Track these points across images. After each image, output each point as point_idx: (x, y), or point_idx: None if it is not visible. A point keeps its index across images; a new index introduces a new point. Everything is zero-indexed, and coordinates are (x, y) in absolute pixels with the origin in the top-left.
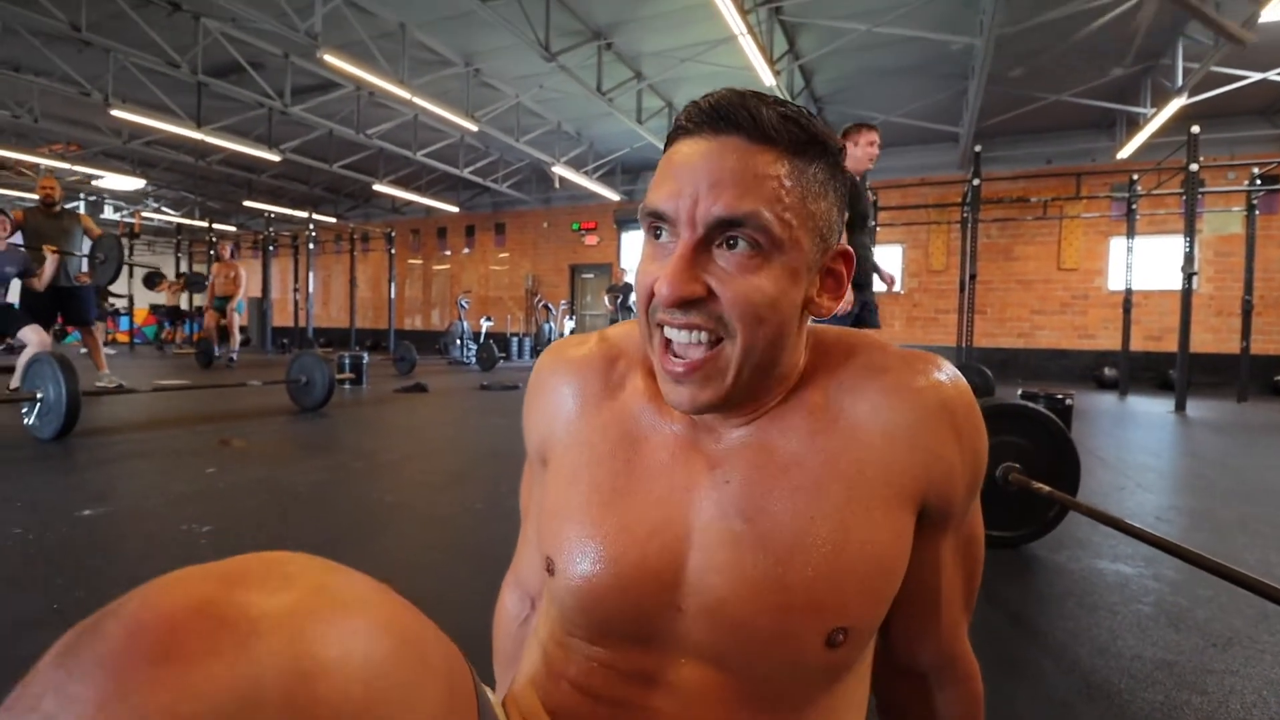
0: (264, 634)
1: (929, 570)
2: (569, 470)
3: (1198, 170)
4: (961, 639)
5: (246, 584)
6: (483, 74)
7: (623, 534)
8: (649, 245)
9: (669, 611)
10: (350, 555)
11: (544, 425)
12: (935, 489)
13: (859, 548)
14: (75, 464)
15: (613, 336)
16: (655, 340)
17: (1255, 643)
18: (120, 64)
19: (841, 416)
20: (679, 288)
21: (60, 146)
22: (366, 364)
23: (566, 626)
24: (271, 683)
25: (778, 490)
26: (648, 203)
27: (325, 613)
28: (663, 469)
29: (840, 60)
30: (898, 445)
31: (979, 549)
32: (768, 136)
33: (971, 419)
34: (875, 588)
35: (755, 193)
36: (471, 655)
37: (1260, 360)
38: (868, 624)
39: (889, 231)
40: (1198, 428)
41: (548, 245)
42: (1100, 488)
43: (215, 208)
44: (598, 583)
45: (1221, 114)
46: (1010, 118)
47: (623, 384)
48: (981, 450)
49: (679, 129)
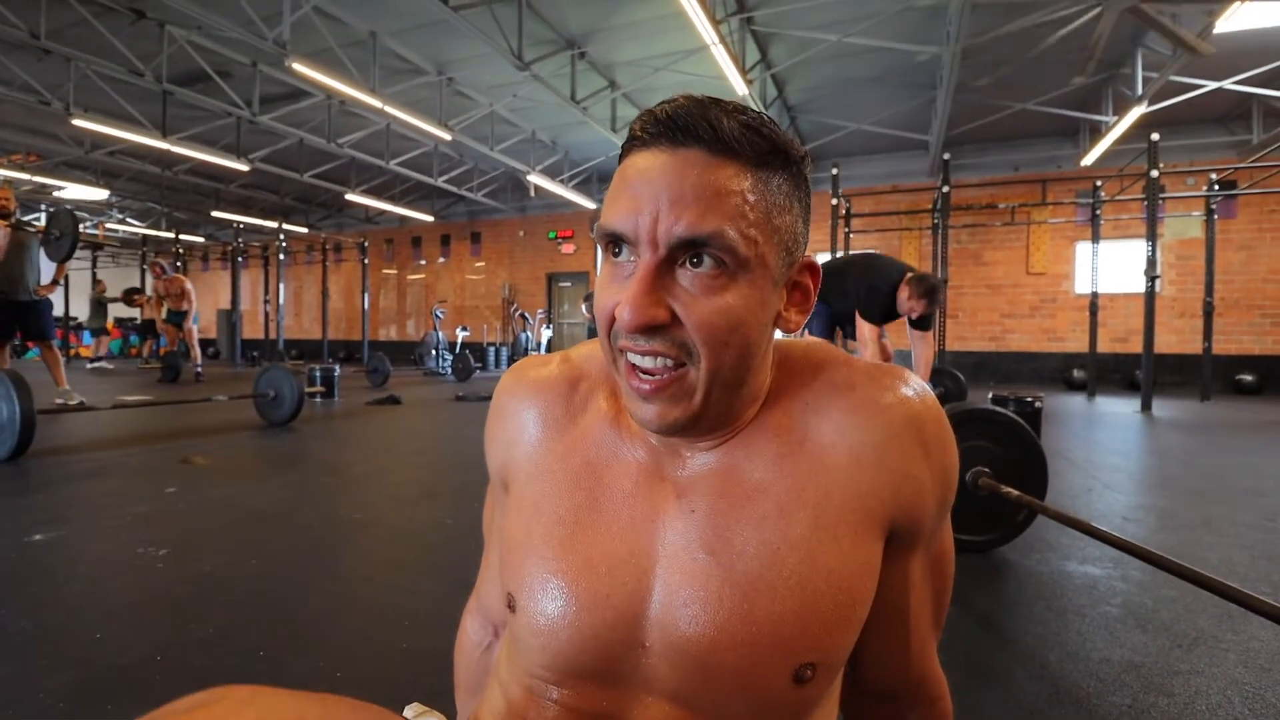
0: None
1: (898, 591)
2: (531, 501)
3: (1158, 176)
4: (930, 658)
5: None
6: (456, 83)
7: (586, 570)
8: (608, 264)
9: (634, 650)
10: (315, 574)
11: (504, 450)
12: (905, 509)
13: (826, 578)
14: (28, 485)
15: (575, 358)
16: (620, 362)
17: (1219, 642)
18: (82, 73)
19: (808, 439)
20: (640, 313)
21: (19, 157)
22: (338, 376)
23: (528, 667)
24: None
25: (743, 520)
26: (604, 222)
27: None
28: (626, 498)
29: (812, 70)
30: (865, 467)
31: (949, 565)
32: (729, 149)
33: (940, 435)
34: (843, 618)
35: (718, 210)
36: (438, 675)
37: (1222, 360)
38: (836, 657)
39: (862, 238)
40: (1163, 427)
41: (524, 254)
42: (1069, 489)
43: (182, 219)
44: (560, 622)
45: (1181, 122)
46: (978, 126)
47: (585, 407)
48: (951, 466)
49: (634, 140)
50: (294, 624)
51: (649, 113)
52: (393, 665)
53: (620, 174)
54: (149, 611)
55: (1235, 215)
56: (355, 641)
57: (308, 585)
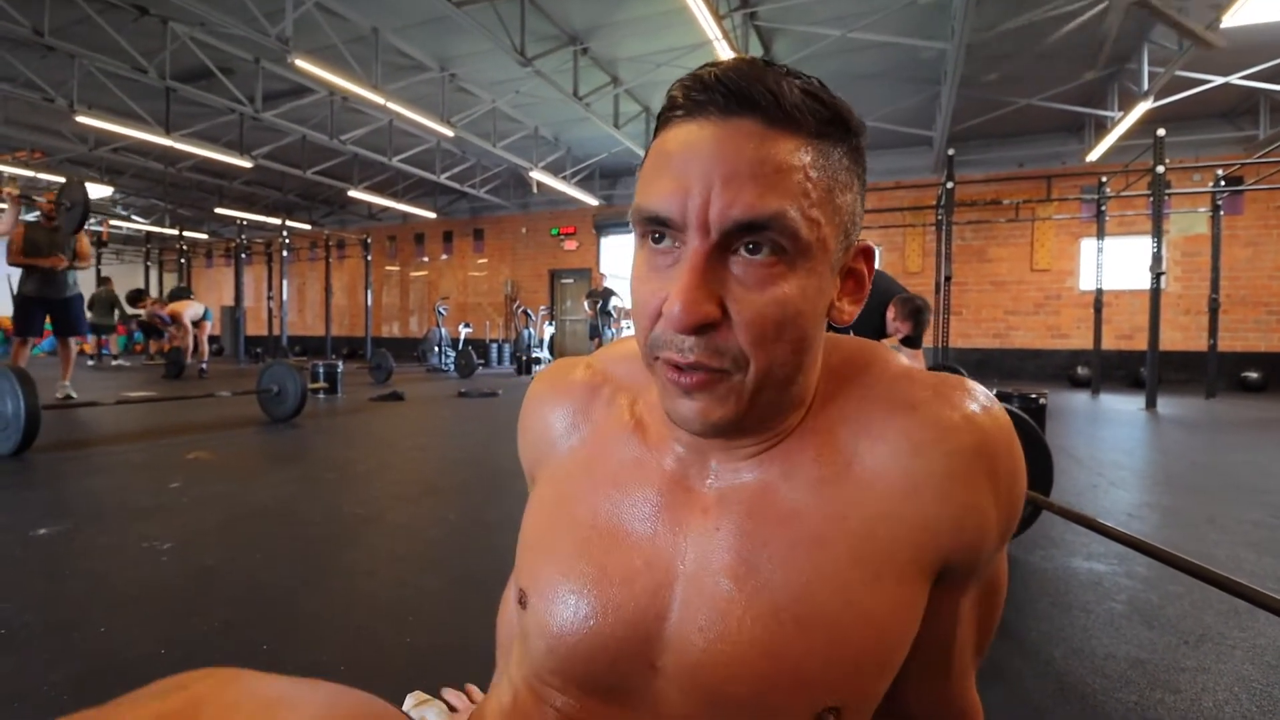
0: None
1: (944, 625)
2: (551, 501)
3: (1164, 172)
4: (969, 689)
5: None
6: (458, 79)
7: (600, 577)
8: (645, 253)
9: (643, 668)
10: (318, 568)
11: (533, 450)
12: (964, 545)
13: (861, 618)
14: (33, 480)
15: (598, 364)
16: (659, 361)
17: (1226, 639)
18: (85, 69)
19: (855, 461)
20: (693, 311)
21: (24, 154)
22: (341, 373)
23: (535, 669)
24: None
25: (774, 544)
26: (642, 204)
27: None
28: (649, 507)
29: (815, 65)
30: (923, 498)
31: (1001, 595)
32: (789, 118)
33: (1011, 461)
34: (877, 663)
35: (780, 189)
36: (441, 669)
37: (1228, 357)
38: (863, 703)
39: (866, 234)
40: (1168, 425)
41: (526, 251)
42: (1074, 486)
43: (186, 215)
44: (568, 626)
45: (1186, 117)
46: (982, 121)
47: (609, 414)
48: (1019, 496)
49: (674, 109)
50: (297, 618)
51: (694, 76)
52: (396, 659)
53: (659, 148)
54: (153, 605)
55: (1241, 211)
56: (358, 635)
57: (311, 580)
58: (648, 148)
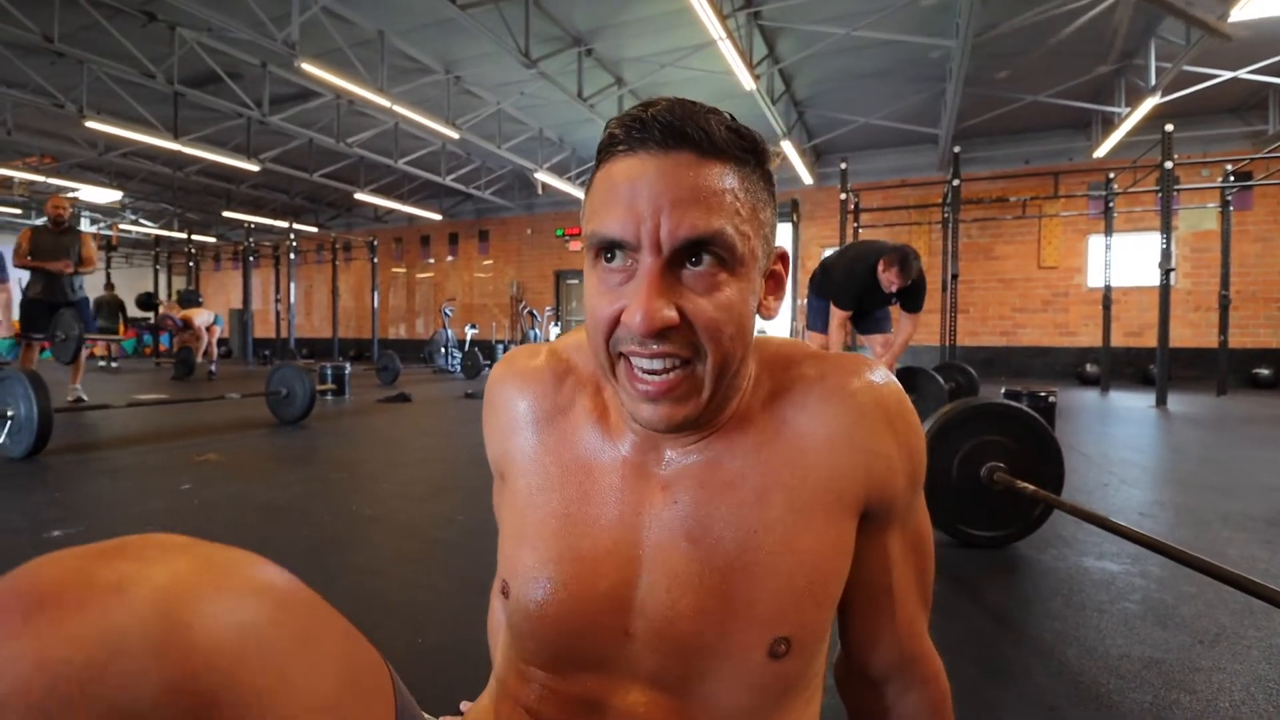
0: (130, 590)
1: (878, 569)
2: (524, 495)
3: (1172, 168)
4: (920, 636)
5: (121, 555)
6: (463, 81)
7: (575, 561)
8: (599, 271)
9: (618, 637)
10: (326, 569)
11: (500, 442)
12: (877, 486)
13: (800, 557)
14: (46, 482)
15: (562, 350)
16: (619, 368)
17: (1241, 638)
18: (94, 75)
19: (784, 428)
20: (654, 318)
21: (35, 159)
22: (349, 374)
23: (520, 652)
24: (138, 630)
25: (723, 507)
26: (598, 229)
27: (202, 576)
28: (613, 493)
29: (820, 64)
30: (838, 449)
31: (928, 545)
32: (719, 149)
33: (905, 416)
34: (815, 595)
35: (717, 210)
36: (453, 668)
37: (1238, 353)
38: (810, 632)
39: (871, 233)
40: (1179, 422)
41: (532, 252)
42: (1085, 485)
43: (194, 219)
44: (549, 610)
45: (1195, 112)
46: (988, 119)
47: (572, 403)
48: (918, 446)
49: (617, 144)
50: None
51: (632, 116)
52: (408, 659)
53: (606, 179)
54: None
55: (1251, 207)
56: (371, 636)
57: (320, 580)
58: (590, 178)
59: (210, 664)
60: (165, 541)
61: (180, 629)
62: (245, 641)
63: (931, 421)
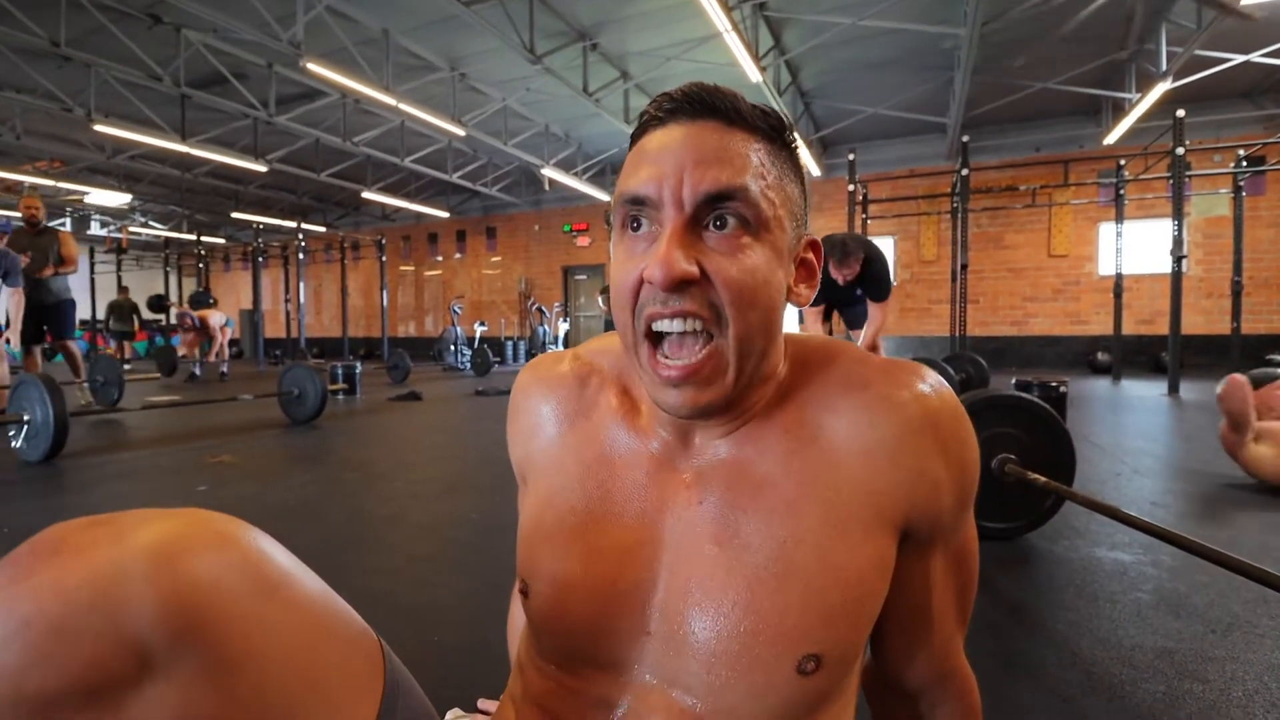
0: (128, 537)
1: (918, 589)
2: (544, 494)
3: (1184, 153)
4: (956, 654)
5: (120, 518)
6: (468, 78)
7: (594, 559)
8: (625, 240)
9: (637, 637)
10: (341, 568)
11: (522, 446)
12: (920, 507)
13: (834, 573)
14: (64, 486)
15: (585, 354)
16: (642, 349)
17: (1255, 628)
18: (102, 78)
19: (820, 435)
20: (673, 268)
21: (44, 163)
22: (359, 373)
23: (539, 649)
24: (134, 563)
25: (752, 512)
26: (625, 189)
27: (185, 528)
28: (637, 489)
29: (826, 54)
30: (878, 464)
31: (972, 562)
32: (745, 121)
33: (958, 431)
34: (850, 614)
35: (740, 168)
36: (470, 667)
37: (1251, 340)
38: (842, 652)
39: (880, 224)
40: (1191, 410)
41: (540, 248)
42: (1097, 475)
43: (203, 220)
44: (567, 607)
45: (1206, 97)
46: (997, 107)
47: (596, 403)
48: (970, 463)
49: (649, 120)
50: None
51: (664, 94)
52: (426, 659)
53: (638, 150)
54: None
55: (1264, 192)
56: (385, 636)
57: (335, 580)
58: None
59: (195, 590)
60: (159, 510)
61: (169, 561)
62: (224, 575)
63: None
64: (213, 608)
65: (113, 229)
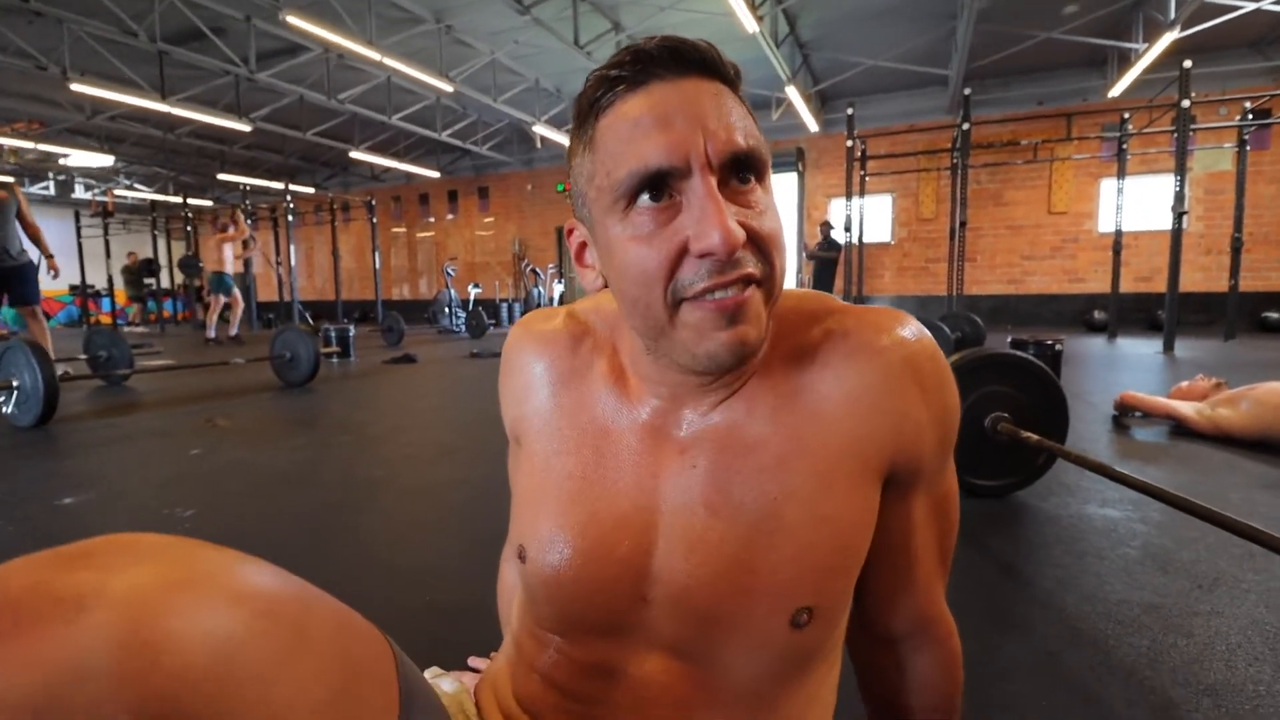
0: (94, 609)
1: (900, 532)
2: (541, 458)
3: (1189, 106)
4: (937, 600)
5: (87, 563)
6: (455, 30)
7: (591, 525)
8: (633, 221)
9: (635, 603)
10: (335, 532)
11: (516, 406)
12: (904, 450)
13: (823, 524)
14: (55, 451)
15: (580, 313)
16: (681, 312)
17: (1240, 582)
18: (75, 35)
19: (804, 389)
20: (735, 235)
21: (22, 125)
22: (353, 336)
23: (536, 617)
24: (102, 655)
25: (743, 472)
26: (636, 166)
27: (172, 587)
28: (631, 455)
29: (825, 2)
30: (862, 411)
31: (953, 507)
32: (721, 74)
33: (938, 374)
34: (839, 564)
35: (745, 126)
36: (463, 629)
37: (1249, 297)
38: (833, 602)
39: (878, 181)
40: (1185, 367)
41: (533, 208)
42: (1089, 432)
43: (189, 182)
44: (565, 575)
45: (1213, 48)
46: (1001, 58)
47: (590, 365)
48: (951, 405)
49: (617, 83)
50: (317, 580)
51: (632, 52)
52: (418, 620)
53: (619, 121)
54: None
55: (1268, 146)
56: (379, 598)
57: (330, 543)
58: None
59: (181, 687)
60: (137, 544)
61: (146, 651)
62: (221, 659)
63: None
64: (210, 701)
65: (97, 192)
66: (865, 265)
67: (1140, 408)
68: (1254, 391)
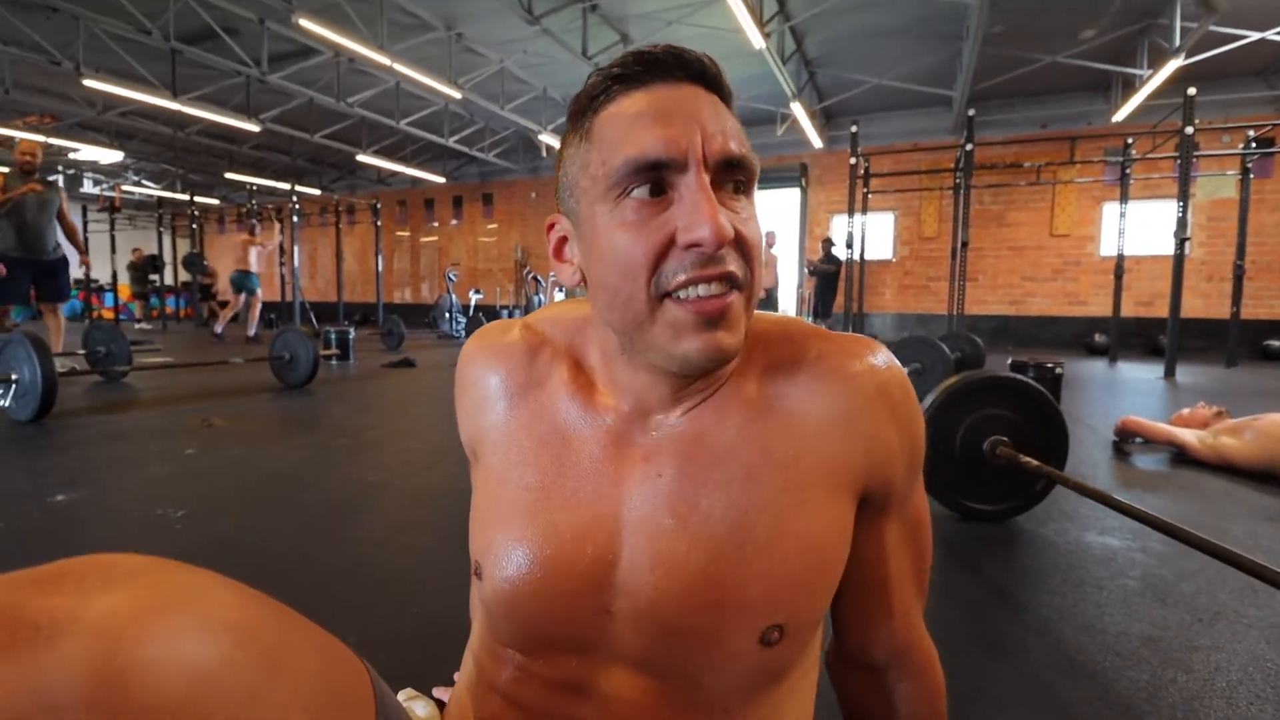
0: (66, 636)
1: (874, 557)
2: (498, 471)
3: (1193, 133)
4: (915, 626)
5: (59, 587)
6: (465, 39)
7: (551, 537)
8: (623, 211)
9: (598, 616)
10: (329, 536)
11: (470, 420)
12: (875, 473)
13: (794, 540)
14: (51, 446)
15: (536, 324)
16: (661, 311)
17: (1241, 617)
18: (90, 31)
19: (777, 405)
20: (725, 229)
21: (34, 119)
22: (353, 339)
23: (495, 634)
24: (72, 686)
25: (711, 483)
26: (634, 155)
27: (148, 613)
28: (593, 464)
29: (832, 21)
30: (836, 431)
31: (925, 533)
32: (719, 86)
33: (907, 401)
34: (811, 581)
35: (739, 136)
36: (448, 639)
37: (1251, 325)
38: (804, 620)
39: (881, 199)
40: (1186, 394)
41: (537, 216)
42: (1089, 458)
43: (196, 180)
44: (524, 589)
45: (1217, 76)
46: (1005, 80)
47: (548, 375)
48: (918, 433)
49: (621, 79)
50: (307, 586)
51: (638, 54)
52: (404, 628)
53: (619, 115)
54: None
55: (1271, 174)
56: (367, 604)
57: (321, 547)
58: (580, 126)
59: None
60: (115, 566)
61: (119, 680)
62: (196, 689)
63: (935, 394)
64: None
65: (105, 187)
66: (866, 282)
67: (1141, 433)
68: (1258, 422)
